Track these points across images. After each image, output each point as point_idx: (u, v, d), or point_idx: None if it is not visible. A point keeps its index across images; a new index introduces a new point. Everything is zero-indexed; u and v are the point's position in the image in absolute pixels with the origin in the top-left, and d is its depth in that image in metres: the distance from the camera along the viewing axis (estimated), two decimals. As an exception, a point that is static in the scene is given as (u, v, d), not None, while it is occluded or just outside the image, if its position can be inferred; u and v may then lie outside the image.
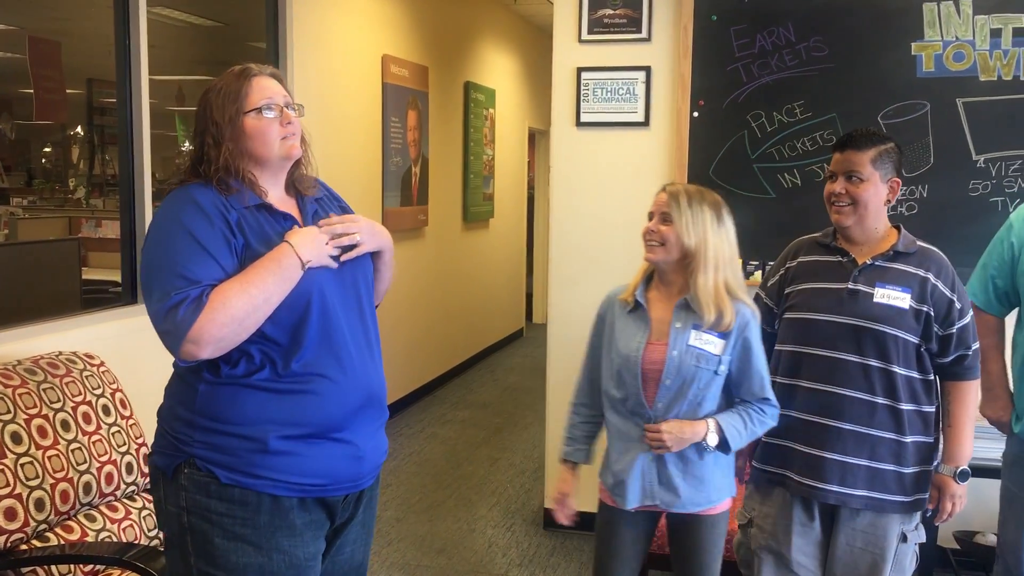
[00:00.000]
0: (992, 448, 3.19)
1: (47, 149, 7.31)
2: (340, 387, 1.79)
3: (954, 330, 2.34)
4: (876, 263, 2.37)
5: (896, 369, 2.33)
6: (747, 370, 2.25)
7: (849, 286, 2.37)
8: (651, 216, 2.28)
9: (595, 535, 2.42)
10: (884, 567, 2.39)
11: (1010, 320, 2.67)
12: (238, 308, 1.66)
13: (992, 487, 3.43)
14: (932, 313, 2.32)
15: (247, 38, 5.12)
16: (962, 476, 2.40)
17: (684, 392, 2.22)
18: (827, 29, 3.56)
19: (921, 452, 2.39)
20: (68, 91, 4.16)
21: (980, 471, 3.23)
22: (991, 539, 3.44)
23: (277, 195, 1.89)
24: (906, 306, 2.31)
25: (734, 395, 2.30)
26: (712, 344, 2.21)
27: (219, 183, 1.79)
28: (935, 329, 2.33)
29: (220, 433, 1.74)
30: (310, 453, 1.77)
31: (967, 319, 2.36)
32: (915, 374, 2.36)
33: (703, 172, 3.70)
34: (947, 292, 2.34)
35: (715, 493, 2.28)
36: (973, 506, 3.63)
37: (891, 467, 2.36)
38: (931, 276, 2.34)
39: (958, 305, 2.34)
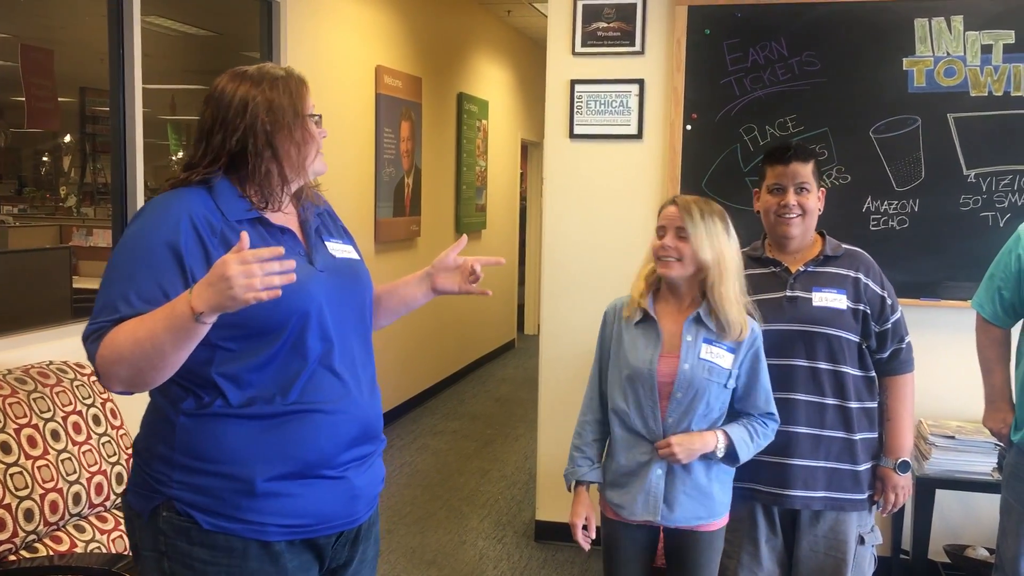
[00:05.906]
0: (981, 462, 3.20)
1: (45, 159, 7.28)
2: (334, 419, 1.61)
3: (889, 325, 2.45)
4: (808, 268, 2.46)
5: (845, 369, 2.42)
6: (754, 384, 2.26)
7: (787, 293, 2.44)
8: (661, 231, 2.23)
9: (602, 549, 2.39)
10: (845, 570, 2.46)
11: (1015, 330, 2.65)
12: (125, 349, 1.44)
13: (982, 501, 3.45)
14: (868, 311, 2.43)
15: (241, 48, 5.13)
16: (903, 467, 2.48)
17: (694, 405, 2.20)
18: (819, 44, 3.58)
19: (870, 448, 2.49)
20: (60, 99, 4.15)
21: (970, 485, 3.25)
22: (982, 553, 3.44)
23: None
24: (844, 307, 2.41)
25: (737, 408, 2.29)
26: (723, 358, 2.21)
27: (218, 186, 1.60)
28: (872, 326, 2.44)
29: (202, 473, 1.55)
30: (300, 493, 1.58)
31: (898, 314, 2.48)
32: (859, 372, 2.45)
33: (696, 185, 3.71)
34: (878, 289, 2.45)
35: (717, 508, 2.28)
36: (963, 520, 3.66)
37: (847, 466, 2.45)
38: (861, 275, 2.45)
39: (889, 301, 2.46)
